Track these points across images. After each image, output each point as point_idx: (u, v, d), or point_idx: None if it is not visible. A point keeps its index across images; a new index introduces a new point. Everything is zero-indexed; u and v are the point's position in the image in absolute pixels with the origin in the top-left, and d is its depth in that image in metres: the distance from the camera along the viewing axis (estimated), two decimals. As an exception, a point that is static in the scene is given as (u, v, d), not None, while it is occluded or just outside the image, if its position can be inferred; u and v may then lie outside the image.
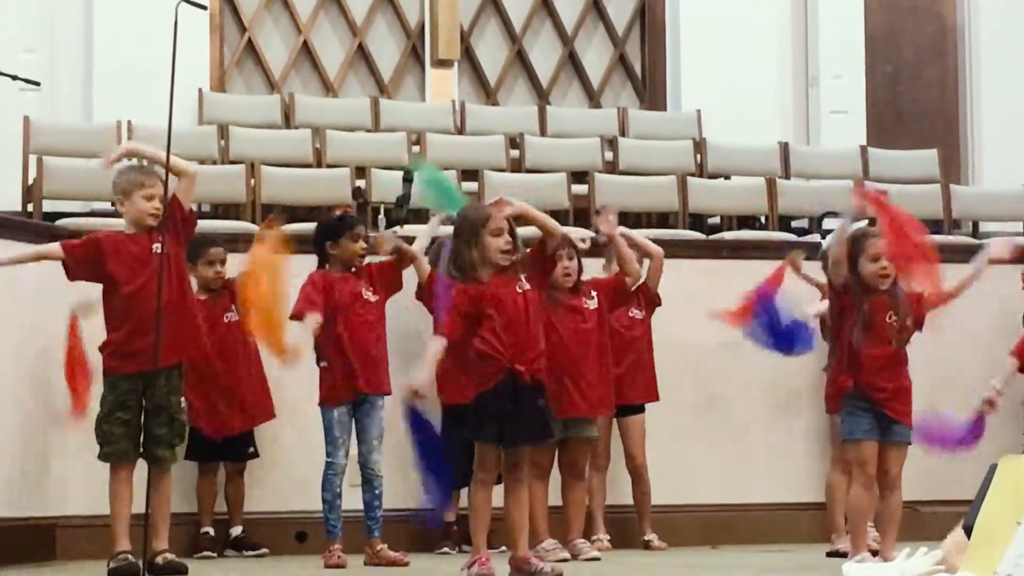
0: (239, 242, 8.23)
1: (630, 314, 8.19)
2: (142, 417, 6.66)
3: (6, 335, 7.39)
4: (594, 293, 7.75)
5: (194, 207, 9.01)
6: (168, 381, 6.71)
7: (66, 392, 7.07)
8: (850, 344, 6.57)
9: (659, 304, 8.24)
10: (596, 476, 8.14)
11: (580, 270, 7.68)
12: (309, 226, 9.59)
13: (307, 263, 7.57)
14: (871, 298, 6.59)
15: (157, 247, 6.65)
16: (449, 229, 6.81)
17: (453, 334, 6.18)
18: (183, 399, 6.87)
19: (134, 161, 9.22)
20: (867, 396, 6.55)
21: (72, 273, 6.77)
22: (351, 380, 7.16)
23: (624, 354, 8.10)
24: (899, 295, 6.65)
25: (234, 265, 7.89)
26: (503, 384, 6.17)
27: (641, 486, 8.24)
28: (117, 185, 6.83)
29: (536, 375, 6.25)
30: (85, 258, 6.72)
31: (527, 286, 6.30)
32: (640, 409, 8.24)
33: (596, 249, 8.22)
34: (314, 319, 7.10)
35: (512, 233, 6.29)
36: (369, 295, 7.33)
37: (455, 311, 6.19)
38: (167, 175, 6.36)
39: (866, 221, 6.96)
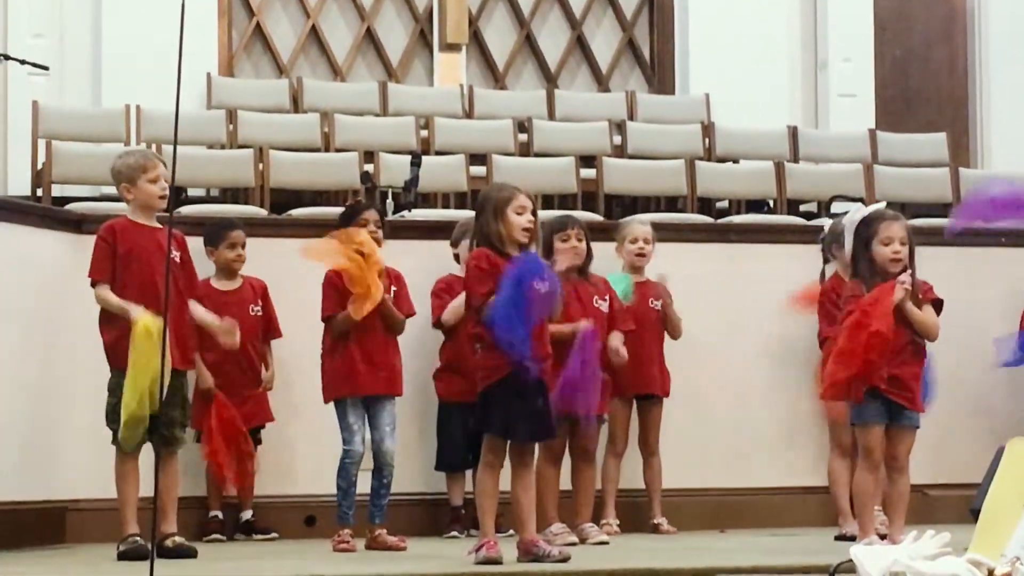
0: (248, 227, 8.25)
1: (651, 304, 8.19)
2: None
3: (15, 320, 7.40)
4: (607, 297, 7.70)
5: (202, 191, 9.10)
6: (179, 364, 6.76)
7: (70, 378, 7.10)
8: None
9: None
10: (612, 461, 8.14)
11: (589, 255, 7.64)
12: (316, 211, 9.64)
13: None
14: (879, 283, 6.58)
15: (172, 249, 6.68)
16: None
17: (486, 297, 6.19)
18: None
19: (141, 145, 9.26)
20: (877, 385, 6.54)
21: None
22: (353, 385, 7.14)
23: (644, 342, 8.10)
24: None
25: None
26: (510, 378, 6.18)
27: (653, 469, 8.24)
28: (120, 173, 6.78)
29: (541, 374, 6.28)
30: (111, 267, 6.70)
31: (544, 288, 6.32)
32: (660, 396, 8.24)
33: (609, 233, 8.22)
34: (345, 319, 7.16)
35: (534, 214, 6.33)
36: (385, 296, 7.30)
37: (479, 273, 6.20)
38: (175, 159, 6.34)
39: (881, 205, 6.96)
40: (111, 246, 6.68)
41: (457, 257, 8.00)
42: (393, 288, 7.32)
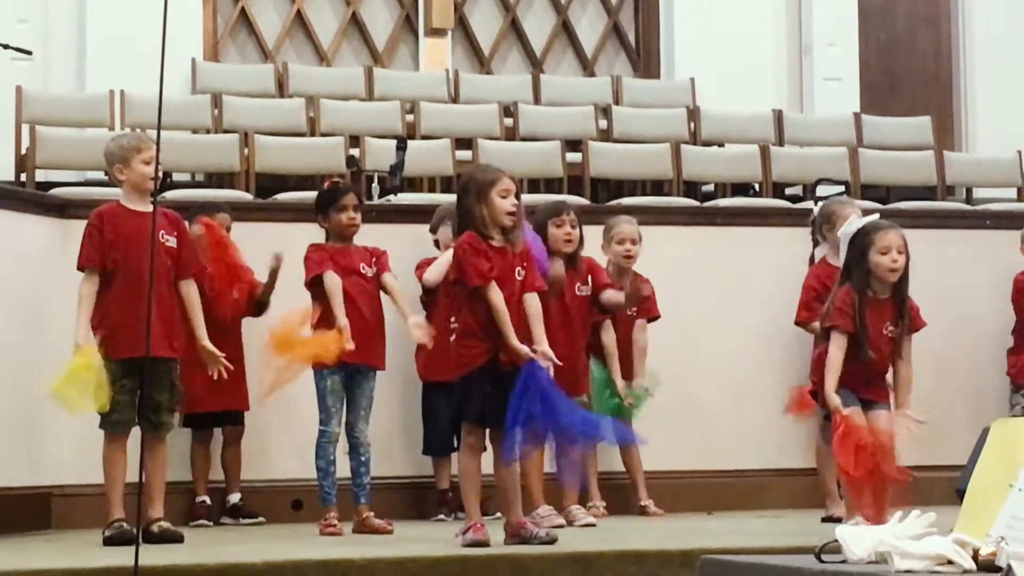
0: (233, 211, 8.24)
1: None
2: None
3: None
4: (589, 282, 7.69)
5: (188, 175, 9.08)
6: (167, 348, 6.76)
7: (55, 363, 7.07)
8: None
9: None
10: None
11: (581, 241, 7.64)
12: (302, 195, 9.63)
13: (300, 232, 7.62)
14: (871, 304, 6.65)
15: (162, 234, 6.68)
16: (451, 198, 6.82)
17: (490, 276, 6.19)
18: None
19: (126, 130, 9.24)
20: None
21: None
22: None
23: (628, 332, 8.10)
24: (902, 305, 6.72)
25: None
26: (486, 367, 6.19)
27: (631, 452, 8.24)
28: (113, 154, 6.79)
29: (516, 363, 6.26)
30: (100, 254, 6.70)
31: (522, 275, 6.34)
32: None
33: (595, 216, 8.22)
34: (333, 278, 7.12)
35: (518, 196, 6.32)
36: (367, 270, 7.31)
37: (474, 254, 6.20)
38: (158, 144, 6.33)
39: (875, 216, 6.99)
40: (100, 232, 6.68)
41: (437, 243, 8.00)
42: (374, 260, 7.33)
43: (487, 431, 6.26)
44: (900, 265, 6.66)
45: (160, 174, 6.68)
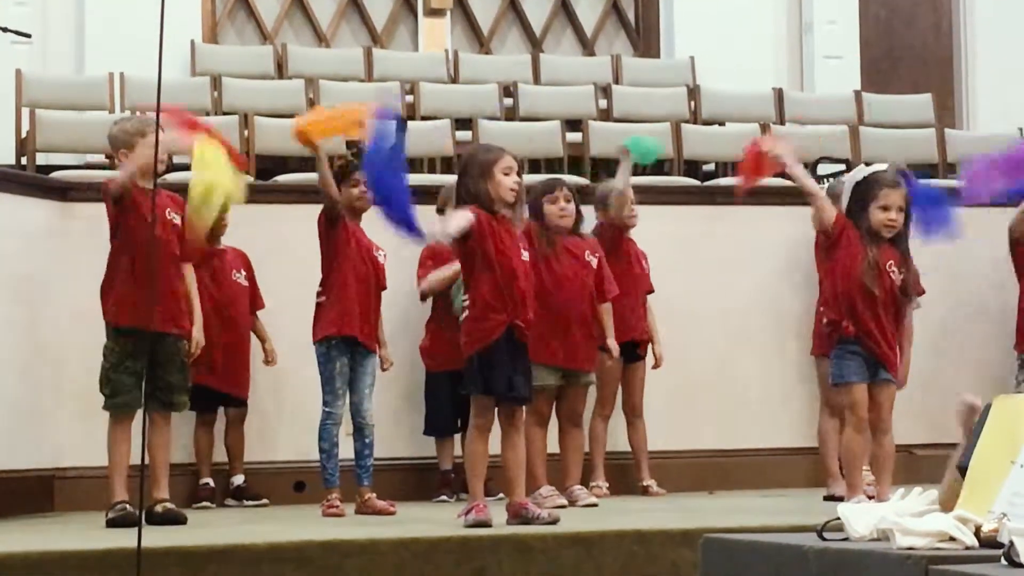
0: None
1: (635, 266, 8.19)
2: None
3: (1, 289, 7.38)
4: (598, 255, 7.68)
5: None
6: (176, 329, 6.78)
7: (57, 346, 7.08)
8: (848, 285, 6.60)
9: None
10: (600, 424, 8.15)
11: (579, 216, 7.64)
12: (302, 177, 9.63)
13: (300, 214, 7.61)
14: (877, 244, 6.64)
15: (169, 211, 6.68)
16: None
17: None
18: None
19: (127, 114, 9.23)
20: (862, 342, 6.59)
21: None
22: (348, 324, 7.13)
23: (628, 296, 8.08)
24: (905, 252, 6.70)
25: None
26: (503, 338, 6.21)
27: (639, 431, 8.26)
28: (117, 139, 6.78)
29: (525, 334, 6.32)
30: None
31: (527, 256, 6.37)
32: (642, 356, 8.24)
33: (589, 197, 8.21)
34: None
35: (519, 175, 6.33)
36: (379, 254, 7.29)
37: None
38: (157, 127, 6.31)
39: (884, 166, 6.97)
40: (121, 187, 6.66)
41: (445, 224, 7.99)
42: (382, 252, 7.32)
43: (496, 412, 6.27)
44: (897, 224, 6.66)
45: (167, 156, 6.69)
